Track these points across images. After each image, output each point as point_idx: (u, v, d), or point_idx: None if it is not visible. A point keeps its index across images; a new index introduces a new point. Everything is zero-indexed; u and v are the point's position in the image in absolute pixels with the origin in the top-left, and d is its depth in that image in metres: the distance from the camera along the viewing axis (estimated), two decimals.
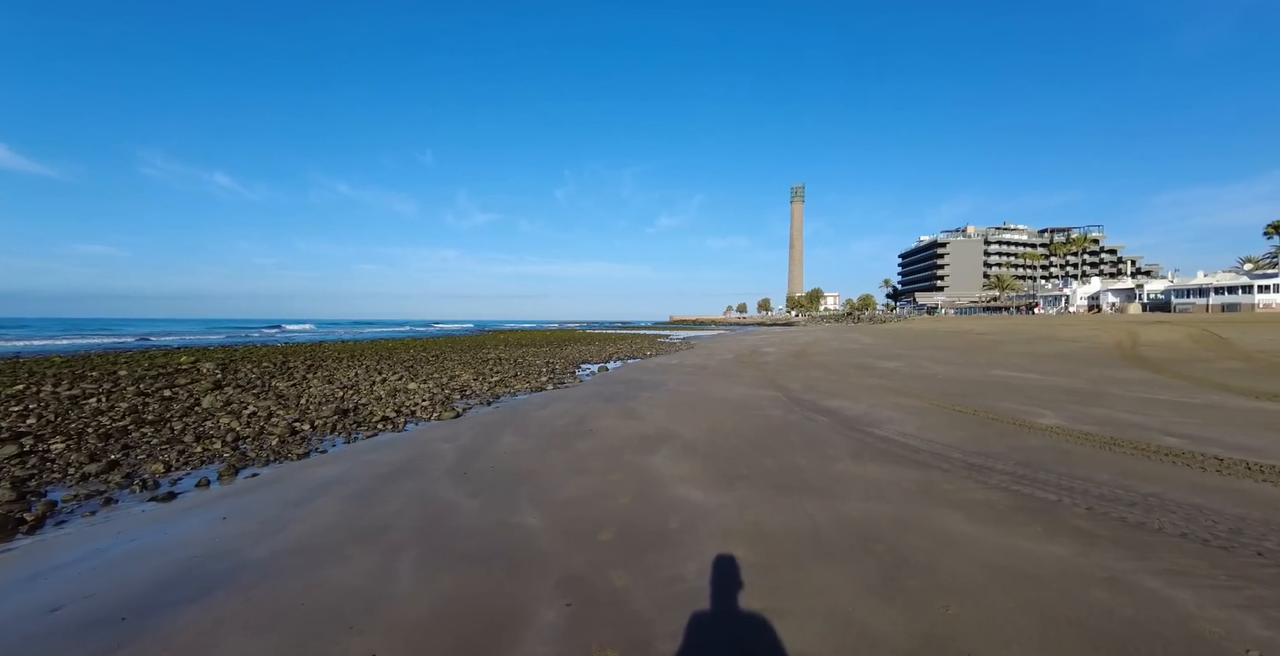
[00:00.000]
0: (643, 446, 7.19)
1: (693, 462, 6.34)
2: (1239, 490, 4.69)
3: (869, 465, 6.00)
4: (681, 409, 9.99)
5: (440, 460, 6.84)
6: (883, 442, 7.03)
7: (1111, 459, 5.80)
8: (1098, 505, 4.42)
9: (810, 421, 8.60)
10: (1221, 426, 7.17)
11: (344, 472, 6.39)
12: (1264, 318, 29.71)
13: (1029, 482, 5.11)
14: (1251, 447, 6.06)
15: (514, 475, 6.05)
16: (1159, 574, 3.21)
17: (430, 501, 5.28)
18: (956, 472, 5.60)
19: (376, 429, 9.07)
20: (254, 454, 7.35)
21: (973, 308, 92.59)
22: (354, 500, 5.36)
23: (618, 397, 11.61)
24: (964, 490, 5.03)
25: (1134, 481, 5.01)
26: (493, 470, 6.30)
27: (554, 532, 4.40)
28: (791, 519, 4.47)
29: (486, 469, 6.36)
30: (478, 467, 6.43)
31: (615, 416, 9.42)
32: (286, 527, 4.62)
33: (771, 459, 6.38)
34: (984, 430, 7.50)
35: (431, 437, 8.24)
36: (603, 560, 3.84)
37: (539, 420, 9.35)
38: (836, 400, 10.63)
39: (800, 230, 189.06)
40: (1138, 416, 7.98)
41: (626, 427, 8.46)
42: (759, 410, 9.68)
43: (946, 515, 4.39)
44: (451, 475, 6.13)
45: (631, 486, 5.51)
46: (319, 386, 13.70)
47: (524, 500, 5.22)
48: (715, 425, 8.42)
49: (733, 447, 6.97)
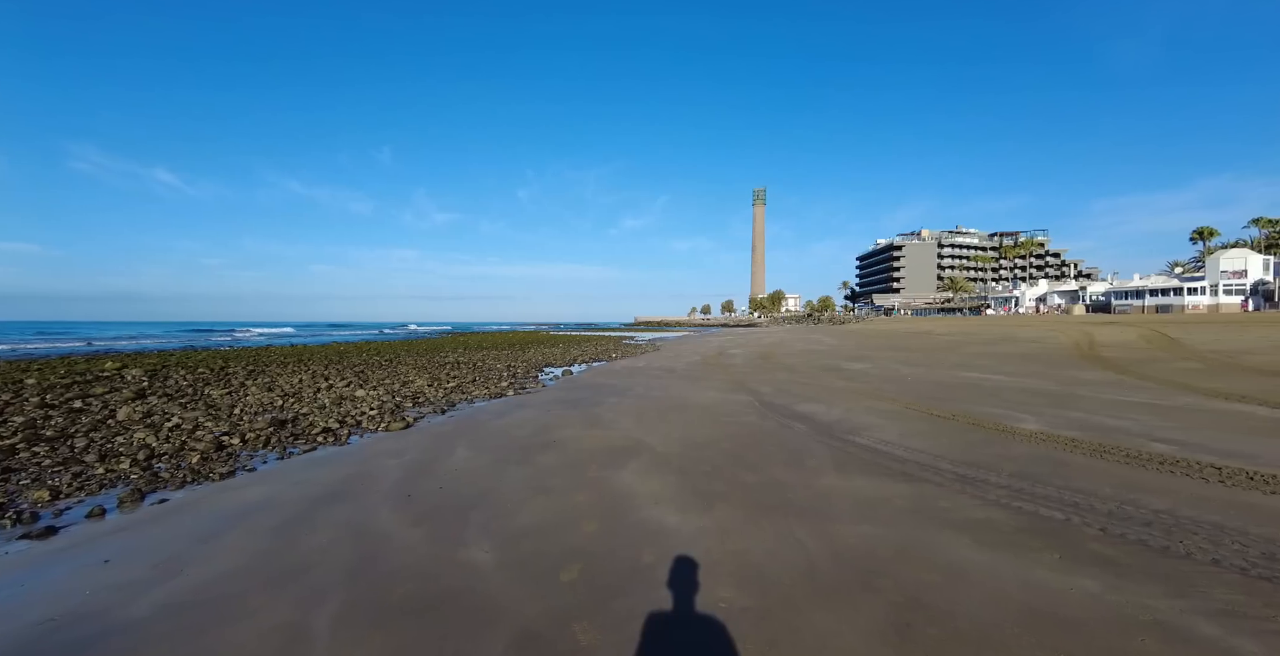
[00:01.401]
0: (610, 460, 6.59)
1: (666, 478, 5.77)
2: (1251, 505, 4.40)
3: (855, 479, 5.55)
4: (651, 416, 9.43)
5: (383, 479, 6.08)
6: (866, 452, 6.61)
7: (1107, 469, 5.50)
8: (1111, 525, 4.04)
9: (787, 429, 8.15)
10: (1203, 430, 7.03)
11: (270, 496, 5.58)
12: (1200, 318, 31.16)
13: (1030, 498, 4.73)
14: (1243, 454, 5.86)
15: (465, 497, 5.37)
16: (1210, 616, 2.80)
17: (365, 532, 4.55)
18: (949, 486, 5.19)
19: (316, 442, 8.20)
20: (169, 474, 6.43)
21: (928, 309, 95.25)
22: (276, 532, 4.59)
23: (583, 404, 10.96)
24: (962, 507, 4.61)
25: (1139, 495, 4.68)
26: (441, 491, 5.60)
27: (509, 571, 3.76)
28: (781, 547, 3.95)
29: (434, 490, 5.65)
30: (424, 488, 5.71)
31: (580, 425, 8.78)
32: (184, 571, 3.84)
33: (751, 473, 5.87)
34: (967, 437, 7.18)
35: (376, 452, 7.45)
36: (565, 608, 3.23)
37: (497, 430, 8.63)
38: (810, 404, 10.24)
39: (762, 233, 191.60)
40: (1117, 420, 7.81)
41: (592, 438, 7.84)
42: (732, 417, 9.19)
43: (951, 539, 3.94)
44: (394, 498, 5.40)
45: (599, 509, 4.90)
46: (257, 394, 12.61)
47: (475, 529, 4.55)
48: (688, 434, 7.88)
49: (708, 460, 6.44)
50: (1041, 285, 73.77)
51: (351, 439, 8.50)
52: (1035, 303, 69.91)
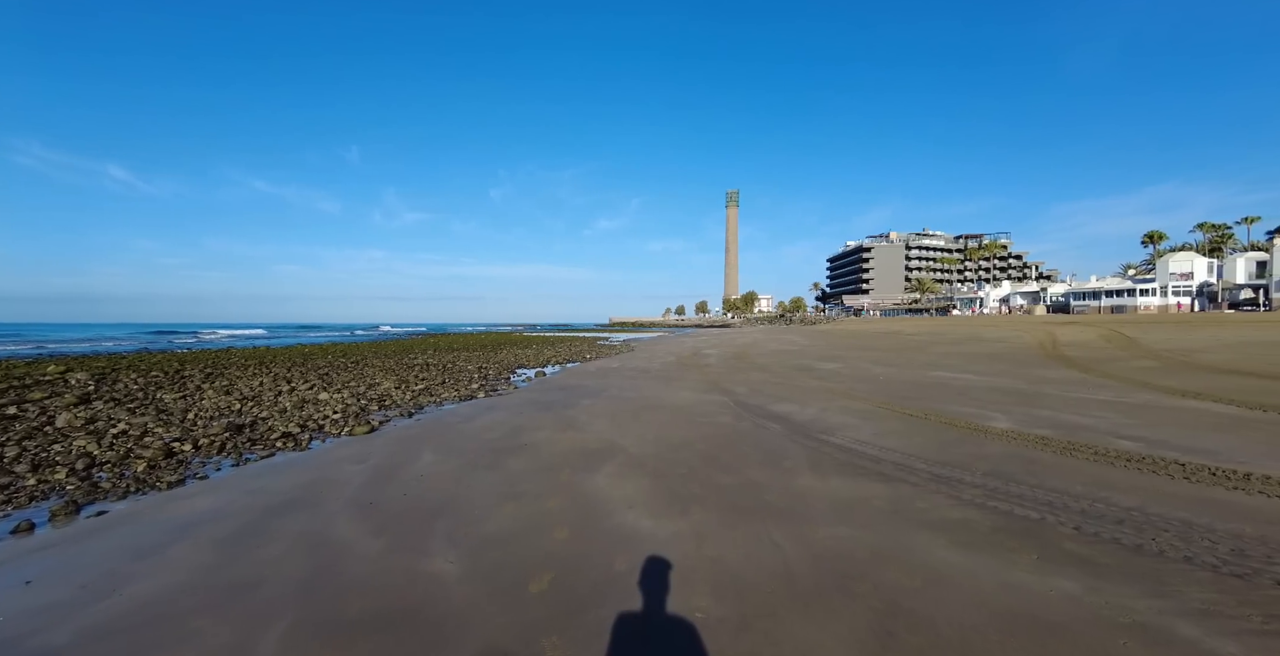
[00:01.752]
0: (584, 463, 6.41)
1: (640, 482, 5.62)
2: (1216, 500, 4.46)
3: (832, 479, 5.48)
4: (625, 417, 9.27)
5: (344, 486, 5.80)
6: (841, 452, 6.57)
7: (1077, 466, 5.55)
8: (1085, 523, 4.04)
9: (762, 429, 8.09)
10: (1165, 427, 7.19)
11: (221, 506, 5.26)
12: (1153, 318, 32.41)
13: (1004, 497, 4.72)
14: (1204, 450, 5.99)
15: (430, 505, 5.13)
16: (1188, 616, 2.78)
17: (323, 543, 4.29)
18: (925, 486, 5.16)
19: (274, 447, 7.83)
20: (110, 484, 6.02)
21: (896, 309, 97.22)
22: (225, 544, 4.30)
23: (556, 406, 10.75)
24: (938, 507, 4.57)
25: (1110, 492, 4.71)
26: (405, 498, 5.35)
27: (475, 583, 3.56)
28: (757, 552, 3.83)
29: (398, 497, 5.40)
30: (388, 495, 5.45)
31: (553, 427, 8.57)
32: (118, 591, 3.54)
33: (726, 474, 5.76)
34: (940, 436, 7.21)
35: (338, 457, 7.13)
36: (534, 622, 3.05)
37: (466, 434, 8.37)
38: (785, 404, 10.22)
39: (735, 234, 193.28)
40: (1084, 418, 7.95)
41: (565, 440, 7.65)
42: (707, 417, 9.10)
43: (928, 541, 3.88)
44: (354, 506, 5.14)
45: (571, 515, 4.73)
46: (214, 398, 12.05)
47: (440, 538, 4.33)
48: (662, 435, 7.75)
49: (683, 462, 6.31)
50: (1005, 286, 75.87)
51: (313, 444, 8.14)
52: (999, 303, 71.86)
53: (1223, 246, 61.23)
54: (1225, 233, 64.45)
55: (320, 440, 8.38)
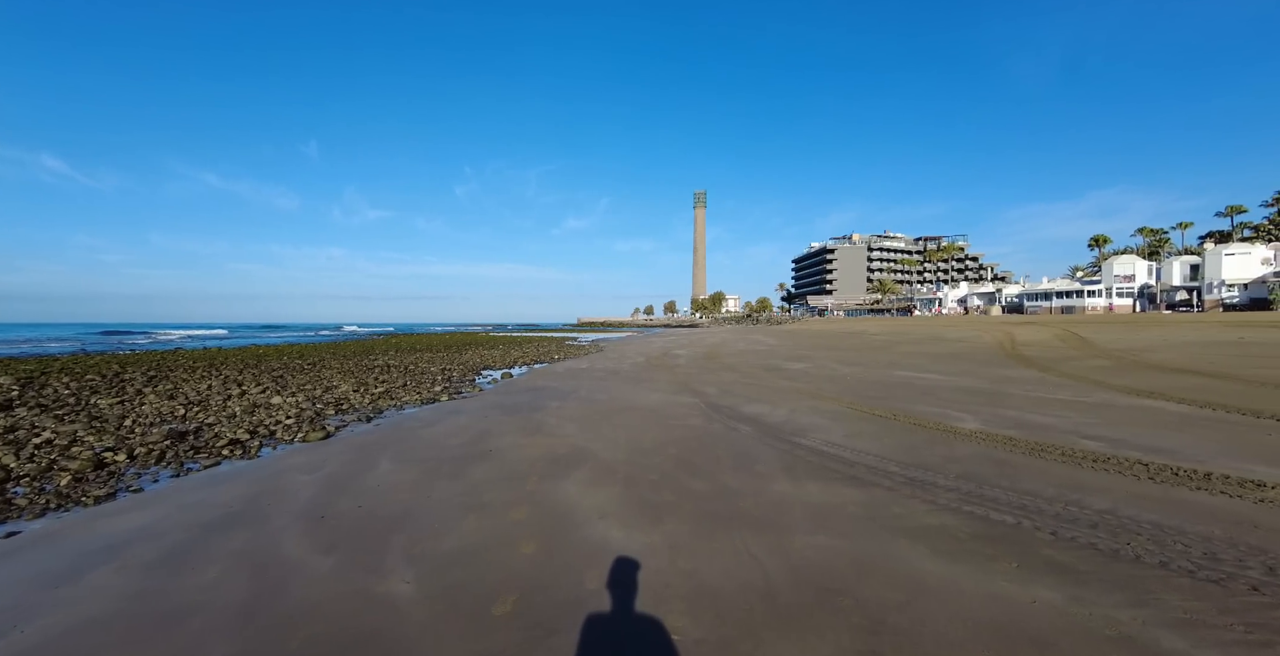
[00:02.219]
0: (552, 470, 6.17)
1: (611, 489, 5.41)
2: (1182, 501, 4.51)
3: (806, 484, 5.38)
4: (595, 420, 9.04)
5: (293, 498, 5.42)
6: (813, 455, 6.49)
7: (1046, 468, 5.58)
8: (1061, 529, 4.01)
9: (733, 431, 7.97)
10: (1124, 426, 7.35)
11: (154, 522, 4.83)
12: (1101, 318, 33.91)
13: (979, 501, 4.68)
14: (1164, 449, 6.11)
15: (387, 518, 4.81)
16: (1172, 627, 2.72)
17: (266, 563, 3.95)
18: (900, 490, 5.10)
19: (220, 456, 7.34)
20: (27, 500, 5.50)
21: (859, 309, 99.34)
22: (155, 567, 3.91)
23: (522, 409, 10.44)
24: (914, 513, 4.50)
25: (1081, 495, 4.72)
26: (360, 511, 5.01)
27: (433, 605, 3.30)
28: (735, 566, 3.67)
29: (352, 509, 5.06)
30: (340, 508, 5.11)
31: (519, 432, 8.28)
32: (20, 627, 3.15)
33: (700, 480, 5.60)
34: (910, 437, 7.21)
35: (289, 466, 6.71)
36: (497, 649, 2.82)
37: (427, 440, 8.01)
38: (755, 405, 10.15)
39: (703, 235, 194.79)
40: (1048, 418, 8.08)
41: (533, 446, 7.38)
42: (679, 419, 8.94)
43: (907, 550, 3.79)
44: (304, 520, 4.78)
45: (538, 527, 4.48)
46: (156, 403, 11.33)
47: (396, 555, 4.03)
48: (634, 439, 7.55)
49: (656, 467, 6.12)
50: (962, 287, 78.34)
51: (263, 451, 7.67)
52: (957, 304, 74.16)
53: (1160, 250, 64.50)
54: (1162, 237, 67.98)
55: (271, 447, 7.91)
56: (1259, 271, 43.25)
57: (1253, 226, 61.95)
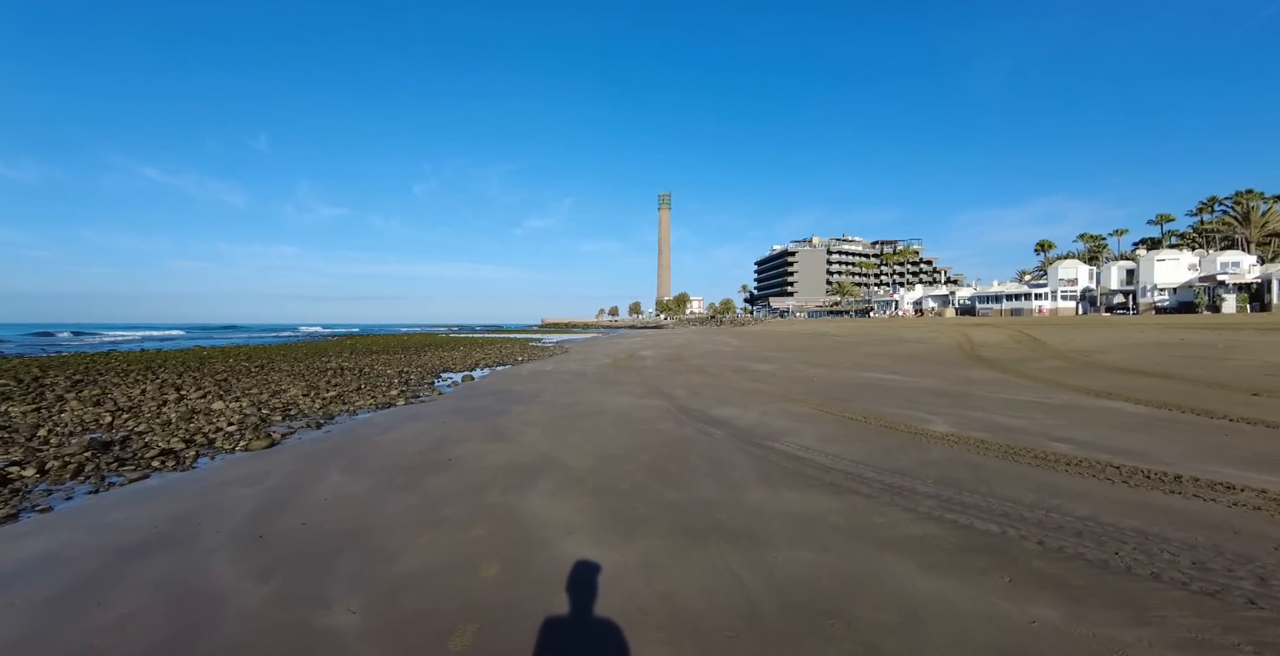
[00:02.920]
0: (516, 480, 5.80)
1: (580, 501, 5.09)
2: (1160, 506, 4.48)
3: (784, 493, 5.18)
4: (561, 425, 8.68)
5: (229, 515, 4.91)
6: (789, 460, 6.31)
7: (1022, 472, 5.53)
8: (1046, 537, 3.90)
9: (706, 436, 7.75)
10: (1089, 427, 7.44)
11: (60, 548, 4.27)
12: (1049, 320, 35.34)
13: (960, 509, 4.56)
14: (1131, 451, 6.16)
15: (334, 536, 4.38)
16: (1179, 648, 2.59)
17: (191, 594, 3.49)
18: (879, 497, 4.94)
19: (149, 468, 6.69)
20: None
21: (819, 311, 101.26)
22: (54, 603, 3.40)
23: (485, 414, 9.99)
24: (897, 523, 4.34)
25: (1060, 500, 4.65)
26: (303, 529, 4.56)
27: (382, 640, 2.93)
28: (715, 585, 3.41)
29: (295, 527, 4.60)
30: (282, 526, 4.64)
31: (481, 439, 7.86)
32: None
33: (674, 490, 5.34)
34: (883, 440, 7.12)
35: (227, 478, 6.15)
36: None
37: (382, 447, 7.51)
38: (726, 408, 9.97)
39: (667, 237, 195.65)
40: (1015, 419, 8.14)
41: (495, 454, 6.98)
42: (649, 424, 8.67)
43: (895, 564, 3.60)
44: (238, 542, 4.30)
45: (501, 545, 4.13)
46: (79, 410, 10.41)
47: (342, 581, 3.62)
48: (603, 445, 7.24)
49: (627, 476, 5.83)
50: (918, 290, 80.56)
51: (199, 462, 7.05)
52: (912, 306, 76.19)
53: (1099, 255, 67.82)
54: (1101, 243, 71.56)
55: (209, 457, 7.29)
56: (1186, 276, 45.84)
57: (1179, 234, 65.83)
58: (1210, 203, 63.11)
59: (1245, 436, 6.68)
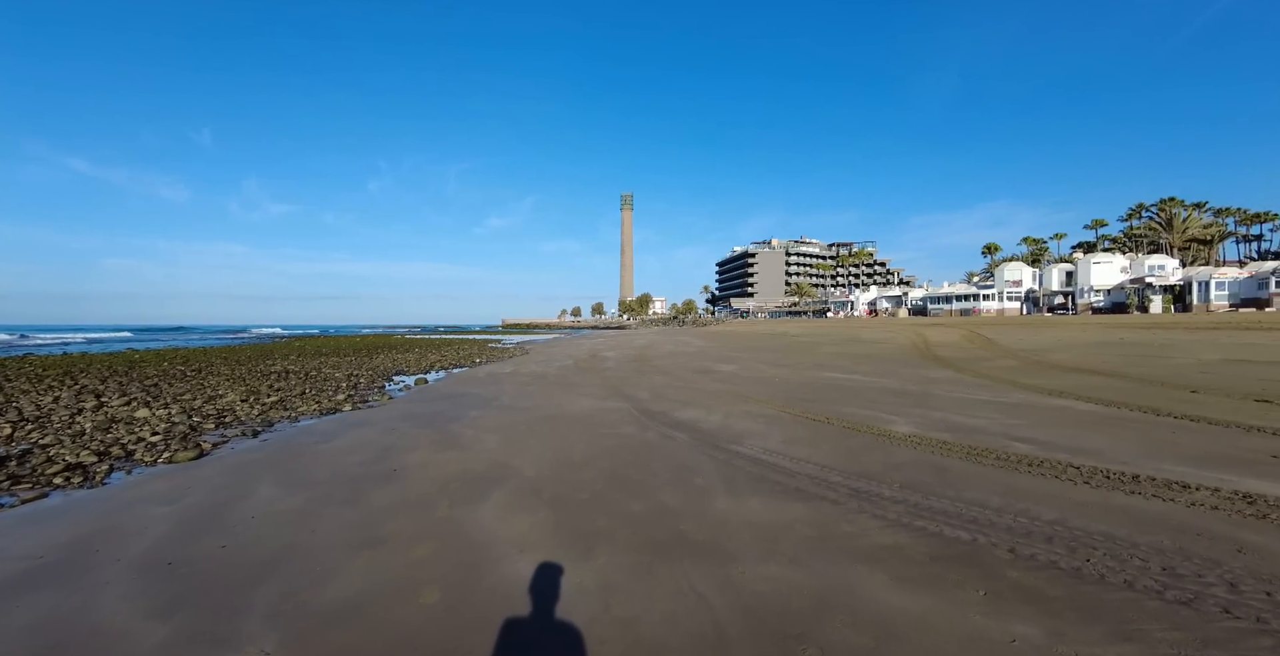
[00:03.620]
0: (467, 492, 5.41)
1: (535, 514, 4.75)
2: (1121, 508, 4.44)
3: (749, 500, 4.96)
4: (519, 431, 8.29)
5: (136, 539, 4.37)
6: (753, 465, 6.11)
7: (986, 474, 5.47)
8: (1018, 544, 3.78)
9: (669, 440, 7.50)
10: (1046, 426, 7.51)
11: None
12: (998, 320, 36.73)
13: (928, 515, 4.43)
14: (1089, 450, 6.20)
15: (257, 561, 3.92)
16: None
17: (68, 638, 3.00)
18: (846, 504, 4.78)
19: (49, 486, 6.01)
20: None
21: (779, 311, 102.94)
22: None
23: (437, 419, 9.49)
24: (866, 531, 4.16)
25: (1027, 503, 4.57)
26: (222, 553, 4.07)
27: None
28: (679, 608, 3.14)
29: (212, 551, 4.11)
30: (197, 550, 4.14)
31: (432, 447, 7.41)
32: None
33: (635, 499, 5.05)
34: (847, 442, 7.02)
35: (142, 496, 5.55)
36: None
37: (322, 457, 6.98)
38: (689, 410, 9.76)
39: (630, 237, 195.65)
40: (974, 419, 8.18)
41: (446, 463, 6.56)
42: (610, 428, 8.36)
43: (867, 578, 3.41)
44: (141, 571, 3.79)
45: (445, 566, 3.76)
46: None
47: (258, 613, 3.20)
48: (561, 452, 6.90)
49: (586, 485, 5.51)
50: (872, 291, 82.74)
51: (113, 477, 6.39)
52: (867, 307, 78.14)
53: (1041, 258, 71.13)
54: (1043, 246, 75.11)
55: (125, 472, 6.62)
56: (1119, 278, 48.45)
57: (1112, 238, 69.71)
58: (1139, 209, 67.01)
59: (1190, 433, 6.85)
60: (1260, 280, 38.62)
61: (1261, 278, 38.61)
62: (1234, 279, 40.26)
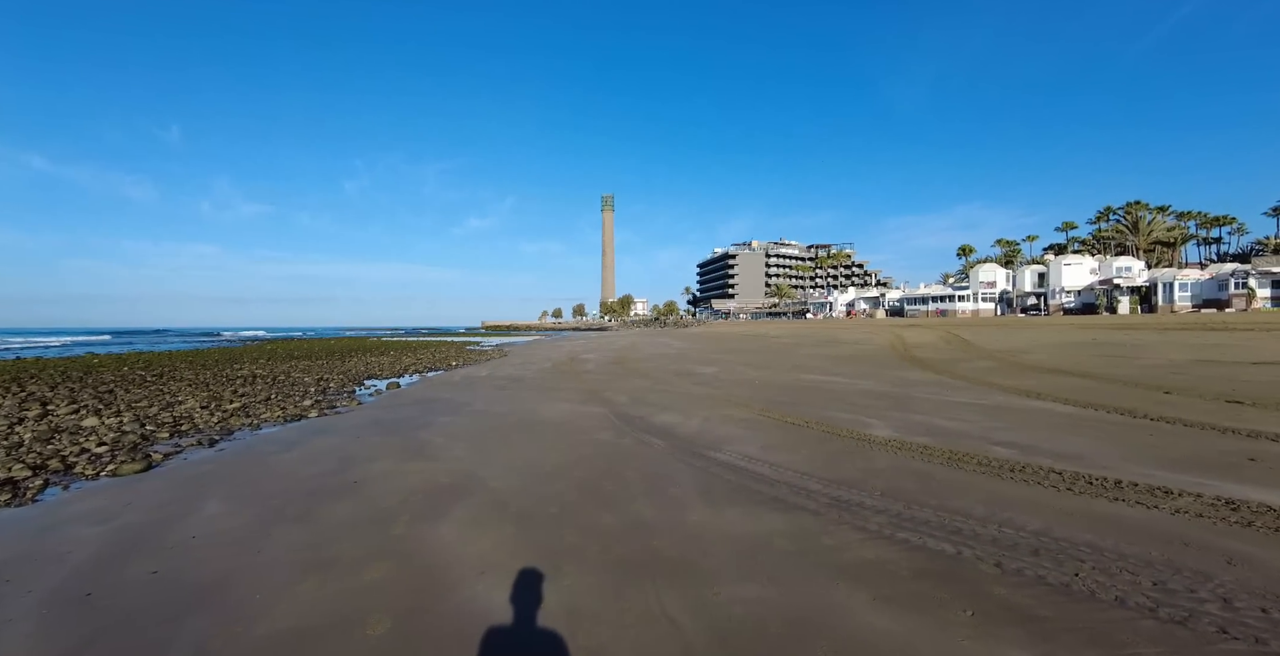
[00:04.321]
0: (429, 506, 5.10)
1: (501, 531, 4.47)
2: (1106, 517, 4.32)
3: (727, 511, 4.74)
4: (490, 439, 7.98)
5: (54, 567, 3.98)
6: (731, 473, 5.91)
7: (968, 481, 5.33)
8: (1004, 558, 3.61)
9: (645, 446, 7.26)
10: (1026, 430, 7.44)
11: None
12: (974, 321, 37.30)
13: (911, 526, 4.25)
14: (1070, 455, 6.12)
15: (189, 589, 3.58)
16: None
17: None
18: (827, 514, 4.59)
19: None
20: None
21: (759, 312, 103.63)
22: None
23: (405, 427, 9.12)
24: (847, 544, 3.97)
25: (1010, 513, 4.43)
26: (151, 581, 3.72)
27: None
28: (649, 636, 2.90)
29: (139, 580, 3.75)
30: (124, 577, 3.78)
31: (396, 456, 7.06)
32: None
33: (608, 512, 4.80)
34: (826, 447, 6.86)
35: (73, 514, 5.14)
36: None
37: (279, 469, 6.60)
38: (667, 414, 9.54)
39: (611, 239, 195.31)
40: (954, 422, 8.09)
41: (410, 474, 6.23)
42: (586, 434, 8.10)
43: (849, 597, 3.21)
44: (54, 604, 3.43)
45: (398, 592, 3.47)
46: None
47: (183, 651, 2.88)
48: (533, 461, 6.61)
49: (556, 498, 5.25)
50: (850, 292, 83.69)
51: (47, 493, 5.96)
52: (845, 308, 79.02)
53: (1014, 259, 72.60)
54: (1015, 248, 76.70)
55: (62, 487, 6.18)
56: (1088, 280, 49.64)
57: (1081, 240, 71.48)
58: (1106, 212, 68.80)
59: (1168, 436, 6.82)
60: (1220, 282, 39.88)
61: (1221, 279, 39.87)
62: (1196, 280, 41.51)
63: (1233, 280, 38.91)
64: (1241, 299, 37.88)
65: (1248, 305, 37.21)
